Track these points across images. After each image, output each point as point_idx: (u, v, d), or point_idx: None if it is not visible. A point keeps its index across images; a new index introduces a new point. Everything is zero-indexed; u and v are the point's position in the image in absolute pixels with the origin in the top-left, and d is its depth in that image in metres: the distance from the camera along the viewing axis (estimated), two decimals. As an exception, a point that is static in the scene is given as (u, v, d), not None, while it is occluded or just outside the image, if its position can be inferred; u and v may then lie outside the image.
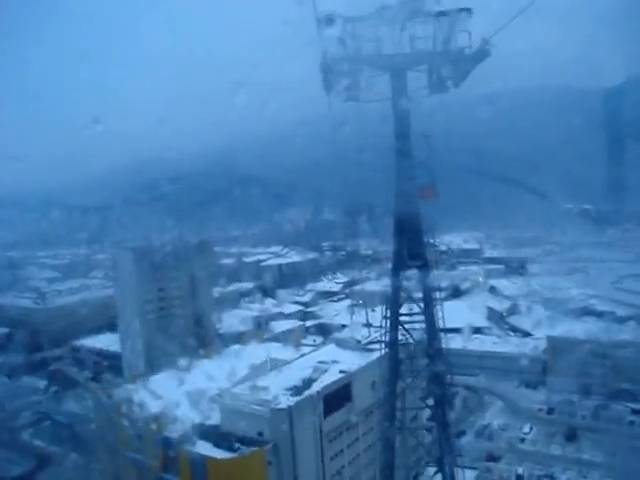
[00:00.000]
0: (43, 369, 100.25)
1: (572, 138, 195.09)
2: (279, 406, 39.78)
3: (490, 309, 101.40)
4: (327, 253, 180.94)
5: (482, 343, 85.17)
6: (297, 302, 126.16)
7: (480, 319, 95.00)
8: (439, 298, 25.21)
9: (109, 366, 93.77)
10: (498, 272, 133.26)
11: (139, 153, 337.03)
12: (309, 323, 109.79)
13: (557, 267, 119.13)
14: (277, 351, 57.31)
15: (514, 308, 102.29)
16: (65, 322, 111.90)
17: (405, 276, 24.76)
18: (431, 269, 24.43)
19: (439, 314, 24.93)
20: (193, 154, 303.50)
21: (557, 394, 71.62)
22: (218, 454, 39.55)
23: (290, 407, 39.51)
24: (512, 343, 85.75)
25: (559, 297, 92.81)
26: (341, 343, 59.52)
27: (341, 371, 45.70)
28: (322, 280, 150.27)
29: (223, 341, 76.46)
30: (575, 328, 75.16)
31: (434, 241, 24.53)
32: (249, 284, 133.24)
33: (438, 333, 25.11)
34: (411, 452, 35.72)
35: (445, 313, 25.17)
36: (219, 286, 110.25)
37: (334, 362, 48.06)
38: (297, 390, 42.56)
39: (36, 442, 73.56)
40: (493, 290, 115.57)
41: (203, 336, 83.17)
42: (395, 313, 25.18)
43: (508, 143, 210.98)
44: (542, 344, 79.67)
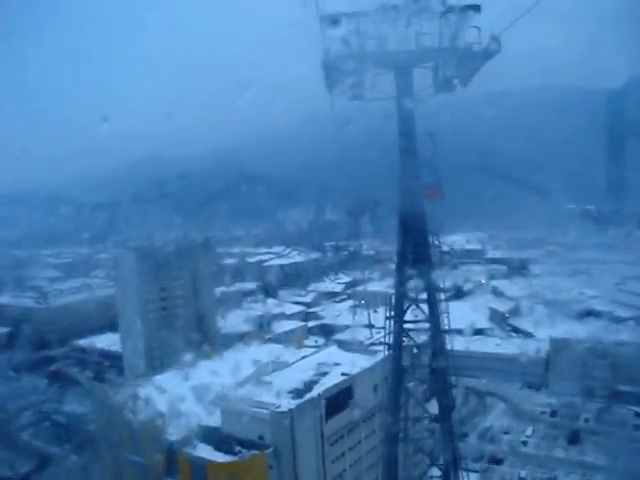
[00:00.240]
0: (44, 369, 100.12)
1: (575, 138, 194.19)
2: (280, 409, 39.30)
3: (492, 310, 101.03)
4: (329, 253, 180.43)
5: (484, 344, 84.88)
6: (299, 302, 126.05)
7: (482, 320, 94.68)
8: (444, 299, 24.71)
9: (110, 366, 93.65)
10: (500, 273, 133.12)
11: (144, 151, 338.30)
12: (311, 323, 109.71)
13: (560, 268, 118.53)
14: (279, 352, 56.89)
15: (516, 309, 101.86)
16: (66, 322, 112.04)
17: (409, 277, 24.31)
18: (435, 270, 23.96)
19: (444, 315, 24.45)
20: (198, 153, 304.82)
21: (560, 396, 71.28)
22: (219, 457, 39.21)
23: (291, 410, 39.03)
24: (514, 344, 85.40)
25: (562, 298, 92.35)
26: (343, 345, 59.20)
27: (343, 373, 45.16)
28: (324, 280, 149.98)
29: (225, 341, 76.06)
30: (578, 329, 74.93)
31: (439, 242, 24.07)
32: (252, 284, 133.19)
33: (443, 335, 24.61)
34: (414, 455, 35.29)
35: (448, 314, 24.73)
36: (221, 286, 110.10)
37: (336, 364, 47.55)
38: (298, 393, 42.08)
39: (36, 442, 73.39)
40: (495, 291, 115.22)
41: (205, 336, 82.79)
42: (398, 314, 24.68)
43: (511, 143, 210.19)
44: (545, 345, 79.33)
